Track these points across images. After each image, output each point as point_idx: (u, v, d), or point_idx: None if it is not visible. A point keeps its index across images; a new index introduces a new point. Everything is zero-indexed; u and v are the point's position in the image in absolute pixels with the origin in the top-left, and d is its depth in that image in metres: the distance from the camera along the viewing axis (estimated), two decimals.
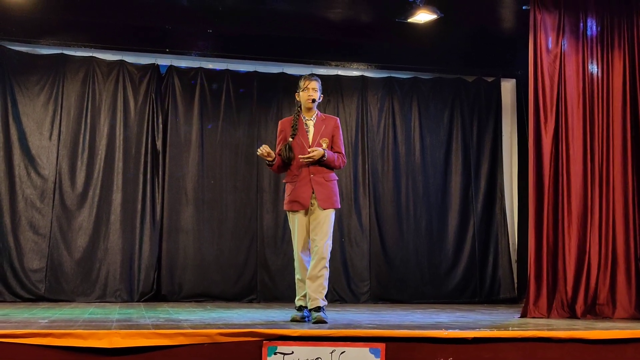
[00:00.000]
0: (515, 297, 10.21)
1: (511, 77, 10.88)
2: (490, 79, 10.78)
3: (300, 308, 6.18)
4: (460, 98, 10.64)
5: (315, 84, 6.30)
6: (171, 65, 9.90)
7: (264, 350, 4.54)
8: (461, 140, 10.54)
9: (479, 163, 10.55)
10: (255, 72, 10.09)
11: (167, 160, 9.68)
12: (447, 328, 5.23)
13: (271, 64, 10.14)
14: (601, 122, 7.39)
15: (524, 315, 7.01)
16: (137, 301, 9.20)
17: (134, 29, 9.62)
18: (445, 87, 10.62)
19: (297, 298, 6.26)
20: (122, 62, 9.74)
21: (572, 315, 7.00)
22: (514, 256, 10.48)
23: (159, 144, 9.70)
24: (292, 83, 10.13)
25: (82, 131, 9.48)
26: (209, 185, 9.75)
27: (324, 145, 6.21)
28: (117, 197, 9.46)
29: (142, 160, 9.60)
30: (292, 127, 6.28)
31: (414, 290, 10.04)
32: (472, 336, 4.93)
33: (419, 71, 10.57)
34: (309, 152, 6.11)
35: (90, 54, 9.68)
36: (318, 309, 5.98)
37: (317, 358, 4.59)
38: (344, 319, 6.52)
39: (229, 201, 9.79)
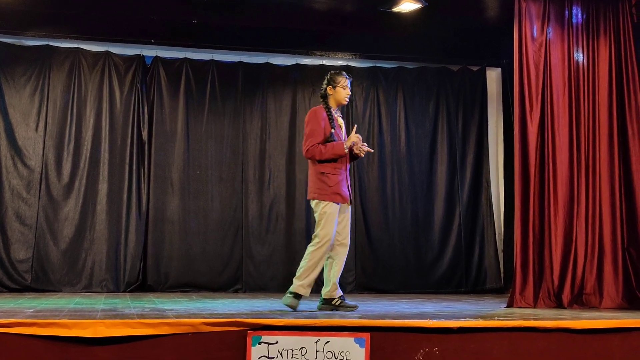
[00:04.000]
0: (502, 287, 10.23)
1: (496, 66, 10.88)
2: (475, 68, 10.78)
3: (301, 297, 6.22)
4: (445, 87, 10.64)
5: (349, 84, 6.39)
6: (156, 56, 9.87)
7: (249, 340, 4.54)
8: (446, 129, 10.54)
9: (464, 152, 10.55)
10: (240, 62, 10.06)
11: (152, 151, 9.66)
12: (432, 318, 5.23)
13: (256, 54, 10.11)
14: (587, 111, 7.39)
15: (510, 305, 6.99)
16: (123, 291, 9.19)
17: (119, 20, 9.57)
18: (430, 77, 10.62)
19: (300, 284, 6.24)
20: (107, 53, 9.71)
21: (559, 305, 7.00)
22: (500, 246, 10.50)
23: (144, 134, 9.68)
24: (276, 73, 10.13)
25: (68, 122, 9.46)
26: (194, 175, 9.74)
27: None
28: (103, 188, 9.44)
29: (128, 151, 9.58)
30: (330, 120, 6.24)
31: (399, 280, 10.05)
32: (458, 326, 4.93)
33: (404, 60, 10.55)
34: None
35: (76, 45, 9.65)
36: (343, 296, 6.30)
37: (302, 348, 4.58)
38: None
39: (214, 192, 9.78)
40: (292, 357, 4.58)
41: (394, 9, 9.01)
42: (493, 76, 10.92)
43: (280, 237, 9.89)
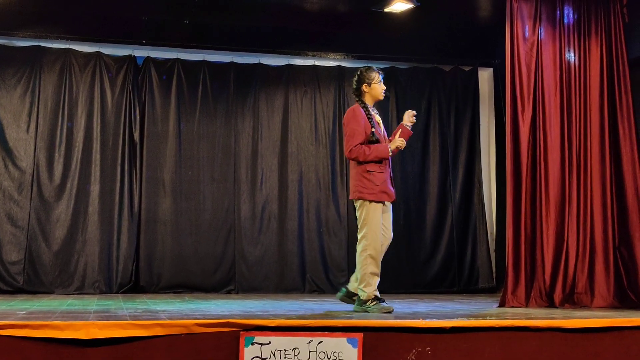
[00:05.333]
0: (494, 287, 10.24)
1: (488, 66, 10.89)
2: (467, 68, 10.80)
3: (382, 299, 6.07)
4: (437, 87, 10.65)
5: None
6: (148, 57, 9.85)
7: (241, 341, 4.53)
8: (438, 129, 10.55)
9: (456, 152, 10.57)
10: (232, 62, 10.06)
11: (144, 152, 9.64)
12: (424, 318, 5.24)
13: (248, 55, 10.10)
14: (579, 110, 7.41)
15: (502, 304, 7.00)
16: (115, 292, 9.18)
17: (110, 20, 9.56)
18: (422, 77, 10.63)
19: (372, 289, 6.04)
20: (98, 53, 9.68)
21: (551, 304, 7.02)
22: (492, 245, 10.51)
23: (136, 135, 9.66)
24: (268, 74, 10.13)
25: (60, 123, 9.43)
26: (186, 176, 9.73)
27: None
28: (95, 189, 9.42)
29: (120, 152, 9.56)
30: (369, 119, 6.21)
31: (392, 280, 9.98)
32: (450, 326, 4.93)
33: (396, 61, 10.55)
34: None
35: (67, 46, 9.62)
36: None
37: (295, 348, 4.58)
38: (322, 309, 6.52)
39: (206, 192, 9.77)
40: (285, 357, 4.58)
41: (386, 9, 9.03)
42: (485, 76, 10.94)
43: (272, 237, 9.88)
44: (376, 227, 6.05)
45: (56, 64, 9.54)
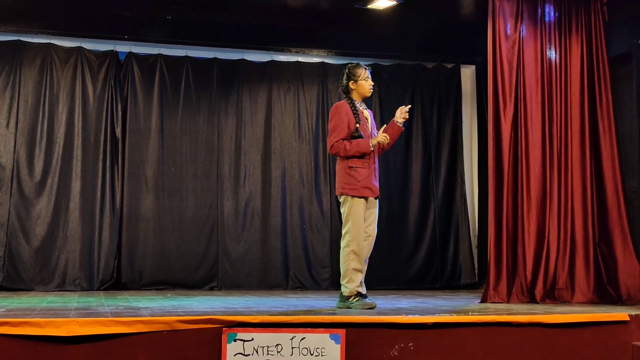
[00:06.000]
0: (476, 283, 10.28)
1: (471, 63, 10.92)
2: (450, 66, 10.81)
3: (365, 295, 6.07)
4: (420, 84, 10.66)
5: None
6: (130, 52, 9.79)
7: (224, 337, 4.53)
8: (421, 126, 10.56)
9: (439, 149, 10.59)
10: (215, 58, 10.03)
11: (126, 148, 9.59)
12: (407, 313, 5.25)
13: (231, 51, 10.08)
14: (560, 108, 7.46)
15: (484, 300, 7.05)
16: (97, 289, 9.13)
17: (92, 15, 9.50)
18: (405, 74, 10.64)
19: (355, 285, 6.04)
20: (80, 48, 9.62)
21: (532, 300, 7.07)
22: (474, 242, 10.55)
23: (118, 131, 9.61)
24: (252, 70, 10.10)
25: (40, 119, 9.36)
26: (169, 172, 9.69)
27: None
28: (76, 185, 9.36)
29: (102, 148, 9.50)
30: (355, 113, 6.22)
31: (375, 277, 9.94)
32: (432, 321, 4.96)
33: (379, 57, 10.55)
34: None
35: (48, 41, 9.54)
36: (366, 295, 6.12)
37: (277, 344, 4.58)
38: (305, 305, 6.52)
39: (189, 189, 9.74)
40: (268, 353, 4.58)
41: (370, 6, 9.05)
42: (467, 73, 10.97)
43: (256, 234, 9.87)
44: (359, 223, 6.07)
45: (37, 59, 9.47)
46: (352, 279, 6.04)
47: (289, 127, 10.14)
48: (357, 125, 6.17)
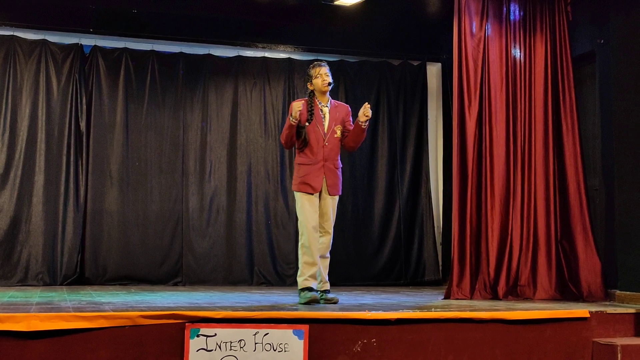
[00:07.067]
0: (440, 279, 10.34)
1: (437, 61, 10.97)
2: (415, 63, 10.85)
3: (311, 289, 6.13)
4: (386, 81, 10.69)
5: (325, 69, 6.47)
6: (95, 46, 9.71)
7: (187, 333, 4.52)
8: (387, 123, 10.59)
9: (404, 146, 10.63)
10: (181, 53, 9.98)
11: (91, 142, 9.51)
12: (371, 309, 5.28)
13: (197, 45, 10.03)
14: (524, 106, 7.53)
15: (447, 296, 7.10)
16: (60, 284, 9.05)
17: (57, 7, 9.38)
18: (371, 70, 10.66)
19: (303, 278, 6.17)
20: (44, 41, 9.52)
21: (494, 296, 7.14)
22: (439, 239, 10.62)
23: (82, 125, 9.52)
24: (218, 65, 10.07)
25: (3, 112, 9.24)
26: (133, 167, 9.63)
27: (338, 132, 6.44)
28: (39, 179, 9.27)
29: (66, 142, 9.41)
30: (309, 111, 6.37)
31: (340, 273, 10.02)
32: (395, 317, 4.99)
33: (345, 54, 10.57)
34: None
35: (11, 33, 9.43)
36: (328, 290, 6.32)
37: (240, 340, 4.58)
38: (269, 300, 6.53)
39: (154, 183, 9.69)
40: (231, 349, 4.57)
41: (336, 2, 9.04)
42: (433, 71, 11.02)
43: (221, 229, 9.84)
44: (305, 217, 6.25)
45: (0, 51, 9.36)
46: (303, 272, 6.22)
47: (255, 122, 10.12)
48: (307, 124, 6.34)
